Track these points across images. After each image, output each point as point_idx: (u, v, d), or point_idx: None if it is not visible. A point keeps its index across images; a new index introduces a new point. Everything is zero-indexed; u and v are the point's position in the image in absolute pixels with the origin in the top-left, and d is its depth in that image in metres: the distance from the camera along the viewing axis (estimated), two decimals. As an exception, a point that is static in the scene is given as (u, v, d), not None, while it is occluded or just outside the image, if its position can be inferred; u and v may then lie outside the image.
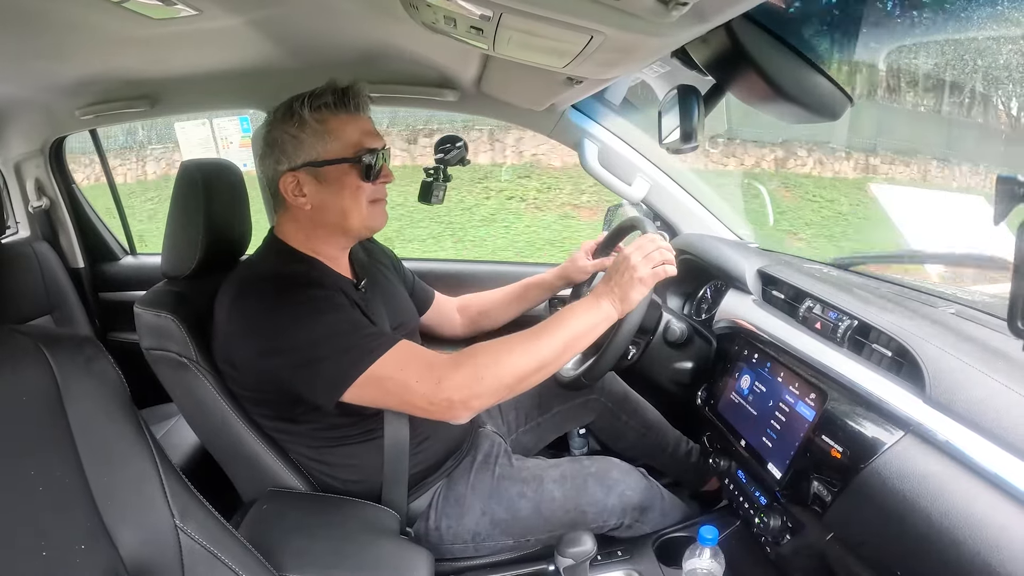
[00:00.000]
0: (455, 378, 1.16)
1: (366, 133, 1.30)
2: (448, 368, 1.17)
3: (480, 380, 1.17)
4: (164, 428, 2.05)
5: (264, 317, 1.19)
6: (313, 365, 1.16)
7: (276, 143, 1.29)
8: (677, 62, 1.29)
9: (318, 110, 1.26)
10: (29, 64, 1.59)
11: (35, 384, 0.72)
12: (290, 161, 1.27)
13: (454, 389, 1.16)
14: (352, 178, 1.28)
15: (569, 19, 0.81)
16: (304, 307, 1.17)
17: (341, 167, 1.27)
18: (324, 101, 1.26)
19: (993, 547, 0.79)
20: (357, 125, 1.30)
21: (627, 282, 1.27)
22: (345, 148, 1.27)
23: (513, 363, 1.19)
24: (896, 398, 1.01)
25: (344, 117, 1.28)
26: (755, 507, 1.35)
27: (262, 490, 1.33)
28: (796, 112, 1.15)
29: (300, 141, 1.26)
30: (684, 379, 1.65)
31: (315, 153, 1.26)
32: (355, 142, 1.28)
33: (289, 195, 1.29)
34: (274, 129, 1.29)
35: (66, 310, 2.40)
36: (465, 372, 1.17)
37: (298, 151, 1.27)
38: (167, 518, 0.80)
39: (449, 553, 1.43)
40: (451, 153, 1.77)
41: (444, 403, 1.17)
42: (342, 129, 1.28)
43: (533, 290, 1.85)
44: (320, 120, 1.26)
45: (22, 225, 2.46)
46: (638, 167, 1.98)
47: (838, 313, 1.27)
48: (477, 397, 1.18)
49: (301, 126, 1.26)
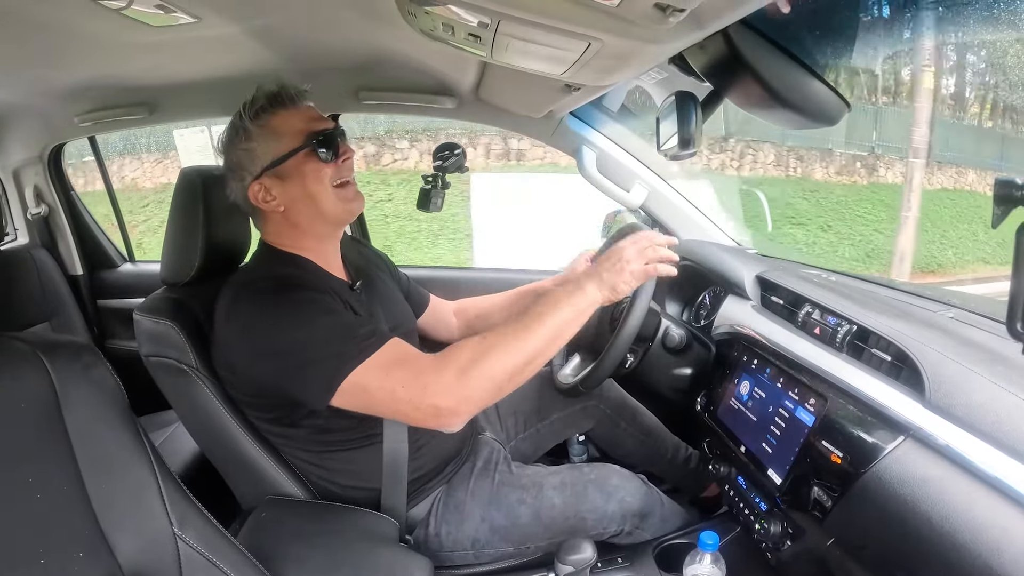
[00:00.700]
0: (440, 382, 1.13)
1: (310, 119, 1.30)
2: (432, 372, 1.14)
3: (467, 382, 1.13)
4: (163, 435, 2.05)
5: (258, 320, 1.19)
6: (303, 368, 1.15)
7: (235, 164, 1.30)
8: (675, 68, 1.29)
9: (257, 116, 1.27)
10: (28, 71, 1.59)
11: (33, 391, 0.72)
12: (251, 173, 1.28)
13: (440, 395, 1.13)
14: (310, 164, 1.28)
15: (567, 26, 0.81)
16: (296, 310, 1.17)
17: (296, 158, 1.27)
18: (260, 105, 1.27)
19: (994, 550, 0.79)
20: (298, 115, 1.30)
21: (617, 272, 1.24)
22: (294, 139, 1.27)
23: (501, 360, 1.16)
24: (896, 403, 1.01)
25: (283, 113, 1.28)
26: (755, 513, 1.35)
27: (261, 497, 1.32)
28: (794, 118, 1.15)
29: (252, 151, 1.27)
30: (683, 385, 1.65)
31: (269, 156, 1.27)
32: (301, 130, 1.28)
33: (261, 203, 1.29)
34: (228, 152, 1.31)
35: (64, 317, 2.40)
36: (449, 375, 1.13)
37: (254, 161, 1.27)
38: (165, 526, 0.80)
39: (449, 560, 1.42)
40: (449, 160, 1.77)
41: (431, 410, 1.14)
42: (285, 124, 1.28)
43: (532, 298, 1.81)
44: (263, 124, 1.27)
45: (20, 232, 2.47)
46: (636, 173, 1.98)
47: (837, 318, 1.27)
48: (466, 401, 1.15)
49: (248, 138, 1.27)
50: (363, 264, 1.54)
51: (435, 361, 1.16)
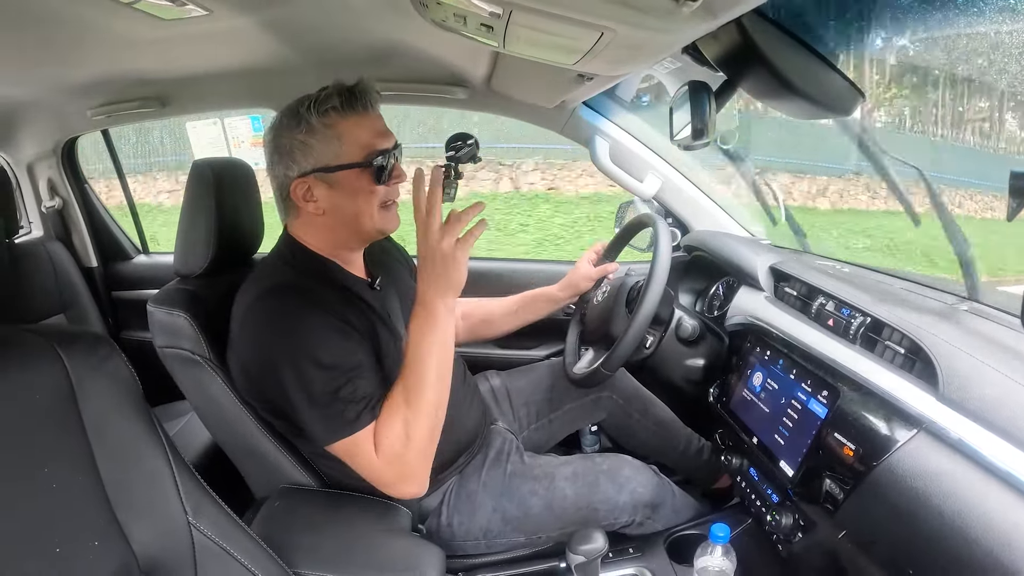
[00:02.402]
0: (387, 477, 1.19)
1: (376, 134, 1.26)
2: (382, 468, 1.18)
3: (408, 467, 1.19)
4: (177, 425, 2.07)
5: (269, 340, 1.18)
6: (305, 410, 1.16)
7: (285, 149, 1.25)
8: (688, 58, 1.28)
9: (325, 114, 1.21)
10: (41, 66, 1.60)
11: (49, 383, 0.72)
12: (300, 167, 1.24)
13: (394, 485, 1.20)
14: (364, 182, 1.24)
15: (579, 16, 0.81)
16: (308, 343, 1.15)
17: (352, 171, 1.23)
18: (331, 104, 1.21)
19: (1006, 545, 0.79)
20: (367, 126, 1.25)
21: (444, 266, 1.17)
22: (356, 151, 1.23)
23: (420, 429, 1.18)
24: (909, 395, 1.01)
25: (353, 119, 1.24)
26: (767, 505, 1.34)
27: (274, 487, 1.33)
28: (808, 108, 1.15)
29: (309, 147, 1.23)
30: (696, 376, 1.64)
31: (325, 158, 1.23)
32: (365, 144, 1.24)
33: (300, 201, 1.26)
34: (282, 135, 1.25)
35: (79, 309, 2.42)
36: (394, 469, 1.19)
37: (308, 157, 1.23)
38: (180, 515, 0.81)
39: (461, 550, 1.43)
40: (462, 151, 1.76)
41: (393, 491, 1.21)
42: (351, 132, 1.23)
43: (538, 303, 1.82)
44: (328, 124, 1.22)
45: (35, 225, 2.49)
46: (650, 164, 1.98)
47: (851, 310, 1.26)
48: (415, 480, 1.21)
49: (309, 131, 1.22)
50: (383, 257, 1.52)
51: (381, 459, 1.18)
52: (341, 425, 1.15)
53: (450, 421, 1.30)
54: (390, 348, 1.31)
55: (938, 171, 9.65)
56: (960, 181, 9.31)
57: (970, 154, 9.59)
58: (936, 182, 1.39)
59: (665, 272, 1.43)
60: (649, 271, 1.44)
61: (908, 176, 1.58)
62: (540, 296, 1.82)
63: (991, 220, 9.13)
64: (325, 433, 1.16)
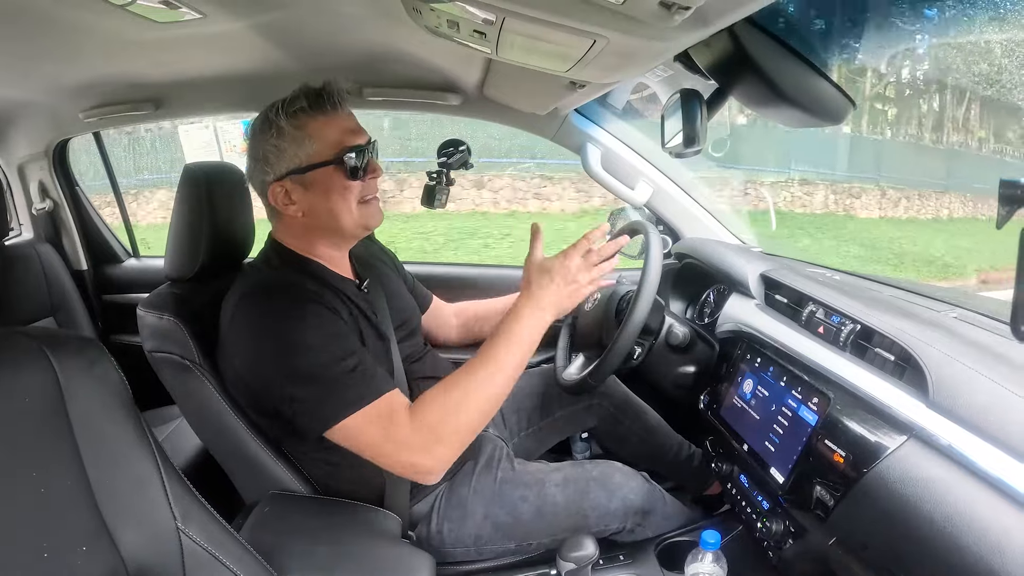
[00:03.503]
0: (416, 443, 1.17)
1: (347, 131, 1.28)
2: (410, 433, 1.17)
3: (440, 441, 1.18)
4: (166, 430, 2.05)
5: (262, 335, 1.18)
6: (300, 402, 1.16)
7: (259, 156, 1.27)
8: (680, 66, 1.29)
9: (294, 116, 1.23)
10: (33, 66, 1.59)
11: (38, 386, 0.72)
12: (275, 171, 1.26)
13: (417, 454, 1.18)
14: (338, 179, 1.26)
15: (572, 23, 0.81)
16: (301, 333, 1.16)
17: (325, 170, 1.25)
18: (299, 106, 1.24)
19: (996, 551, 0.79)
20: (336, 124, 1.27)
21: (569, 294, 1.26)
22: (327, 150, 1.25)
23: (469, 414, 1.19)
24: (899, 402, 1.01)
25: (322, 119, 1.26)
26: (757, 511, 1.35)
27: (264, 493, 1.33)
28: (799, 116, 1.15)
29: (281, 150, 1.25)
30: (687, 383, 1.65)
31: (297, 160, 1.25)
32: (335, 142, 1.26)
33: (279, 205, 1.28)
34: (255, 142, 1.28)
35: (69, 312, 2.40)
36: (423, 436, 1.17)
37: (280, 160, 1.25)
38: (169, 520, 0.80)
39: (451, 557, 1.42)
40: (454, 157, 1.77)
41: (409, 467, 1.19)
42: (321, 131, 1.25)
43: None
44: (298, 126, 1.24)
45: (25, 227, 2.48)
46: (641, 171, 1.98)
47: (841, 317, 1.26)
48: (441, 459, 1.19)
49: (279, 135, 1.24)
50: (369, 260, 1.54)
51: (411, 419, 1.17)
52: (356, 397, 1.15)
53: None
54: (377, 348, 1.32)
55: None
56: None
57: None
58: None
59: (656, 282, 1.43)
60: (640, 280, 1.44)
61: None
62: None
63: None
64: (339, 407, 1.15)
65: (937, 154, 12.48)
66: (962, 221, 11.40)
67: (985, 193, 11.05)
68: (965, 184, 11.53)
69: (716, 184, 2.15)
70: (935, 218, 11.48)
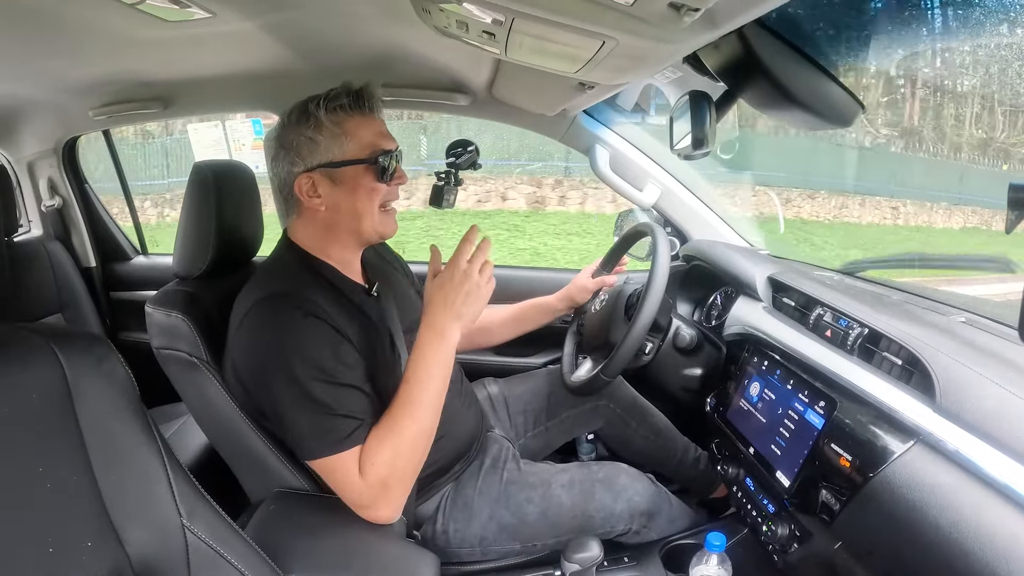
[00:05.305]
0: (366, 501, 1.18)
1: (380, 135, 1.30)
2: (361, 490, 1.17)
3: (390, 489, 1.17)
4: (173, 428, 2.06)
5: (265, 346, 1.18)
6: (283, 422, 1.18)
7: (291, 145, 1.28)
8: (689, 68, 1.28)
9: (334, 112, 1.25)
10: (43, 65, 1.60)
11: (45, 382, 0.72)
12: (305, 163, 1.27)
13: (370, 509, 1.19)
14: (367, 179, 1.28)
15: (581, 24, 0.81)
16: (302, 356, 1.15)
17: (357, 168, 1.27)
18: (340, 103, 1.26)
19: (1003, 558, 0.78)
20: (371, 127, 1.29)
21: (474, 299, 1.20)
22: (360, 149, 1.27)
23: (410, 455, 1.18)
24: (906, 407, 1.01)
25: (359, 119, 1.28)
26: (763, 515, 1.34)
27: (270, 491, 1.33)
28: (808, 119, 1.15)
29: (316, 143, 1.26)
30: (693, 385, 1.64)
31: (331, 154, 1.26)
32: (370, 143, 1.27)
33: (304, 196, 1.28)
34: (289, 131, 1.29)
35: (77, 309, 2.41)
36: (374, 493, 1.17)
37: (314, 153, 1.26)
38: (174, 517, 0.81)
39: (456, 557, 1.43)
40: (463, 157, 1.76)
41: (370, 517, 1.20)
42: (357, 130, 1.27)
43: (536, 312, 1.84)
44: (336, 122, 1.26)
45: (35, 224, 2.49)
46: (649, 173, 1.98)
47: (848, 321, 1.26)
48: (395, 506, 1.20)
49: (317, 128, 1.25)
50: (379, 263, 1.54)
51: (363, 479, 1.16)
52: (331, 442, 1.14)
53: (447, 428, 1.30)
54: (386, 357, 1.31)
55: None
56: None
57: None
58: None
59: (664, 279, 1.44)
60: (648, 278, 1.44)
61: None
62: (537, 306, 1.84)
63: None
64: (314, 446, 1.15)
65: (952, 167, 12.42)
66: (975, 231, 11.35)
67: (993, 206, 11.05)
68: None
69: (724, 185, 2.14)
70: (945, 228, 11.42)
